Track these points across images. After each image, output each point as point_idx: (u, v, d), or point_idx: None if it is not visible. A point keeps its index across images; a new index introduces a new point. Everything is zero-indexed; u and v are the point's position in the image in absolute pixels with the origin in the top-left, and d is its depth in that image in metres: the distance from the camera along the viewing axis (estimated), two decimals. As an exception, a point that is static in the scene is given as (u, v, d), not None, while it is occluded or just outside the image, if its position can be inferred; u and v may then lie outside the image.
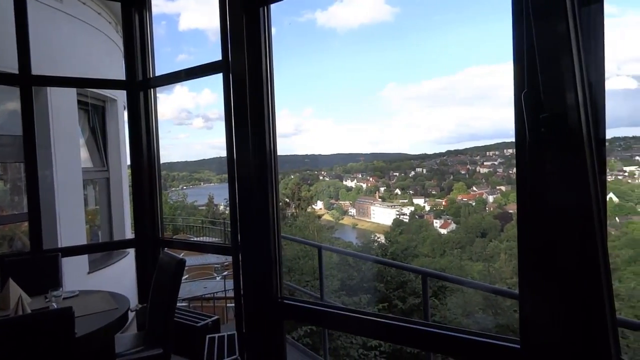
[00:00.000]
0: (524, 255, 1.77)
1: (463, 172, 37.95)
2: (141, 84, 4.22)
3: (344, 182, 38.94)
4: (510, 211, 29.20)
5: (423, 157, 39.29)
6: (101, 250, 6.16)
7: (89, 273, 5.86)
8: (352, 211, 36.48)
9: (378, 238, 15.49)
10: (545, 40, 1.54)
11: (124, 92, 4.38)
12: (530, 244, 1.75)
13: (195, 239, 14.44)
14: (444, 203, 37.69)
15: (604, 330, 1.55)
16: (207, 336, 3.42)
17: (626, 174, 41.44)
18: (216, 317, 3.91)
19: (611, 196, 39.36)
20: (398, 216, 34.25)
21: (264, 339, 2.70)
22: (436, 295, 10.79)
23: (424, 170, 39.78)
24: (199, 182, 33.64)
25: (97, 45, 6.46)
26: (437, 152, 39.16)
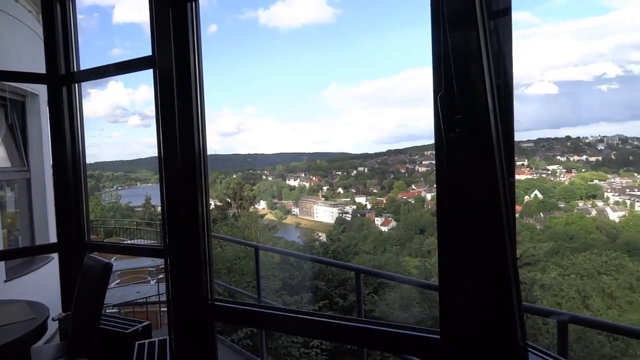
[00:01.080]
0: (442, 249, 1.85)
1: (403, 171, 39.28)
2: (64, 78, 3.96)
3: (287, 182, 38.97)
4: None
5: (365, 157, 40.23)
6: (18, 256, 5.71)
7: (6, 281, 5.42)
8: (296, 210, 36.58)
9: (320, 237, 15.66)
10: (458, 47, 1.63)
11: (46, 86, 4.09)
12: (448, 239, 1.83)
13: (129, 241, 13.82)
14: (384, 201, 38.80)
15: (511, 317, 1.66)
16: (137, 343, 3.29)
17: (549, 172, 44.82)
18: (147, 322, 3.76)
19: (536, 193, 42.39)
20: (341, 215, 34.80)
21: (194, 343, 2.64)
22: (376, 292, 11.08)
23: (366, 170, 40.75)
24: (135, 182, 32.22)
25: (15, 35, 6.00)
26: (378, 151, 40.26)
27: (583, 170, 43.62)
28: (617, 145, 44.76)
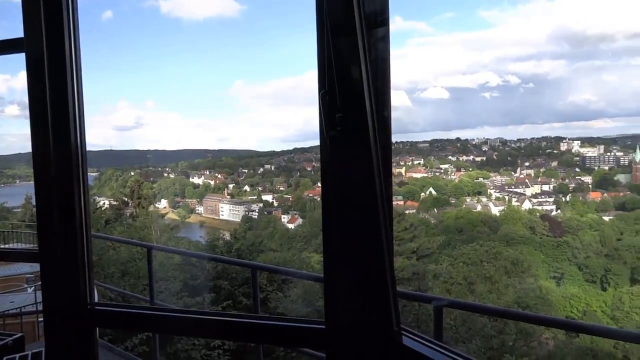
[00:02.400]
0: (327, 243, 1.92)
1: (309, 169, 39.93)
2: None
3: (191, 179, 37.50)
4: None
5: (271, 155, 40.18)
6: None
7: None
8: (200, 209, 35.37)
9: (224, 235, 15.34)
10: (339, 52, 1.72)
11: None
12: (332, 233, 1.90)
13: (2, 246, 12.29)
14: (291, 199, 39.14)
15: (387, 304, 1.78)
16: (5, 358, 2.95)
17: (442, 170, 48.63)
18: (20, 334, 3.38)
19: (431, 190, 45.71)
20: (247, 213, 34.38)
21: (72, 353, 2.44)
22: (281, 288, 11.14)
23: (272, 167, 40.72)
24: (14, 180, 28.65)
25: None
26: (285, 149, 40.48)
27: (470, 169, 48.01)
28: (498, 147, 50.00)
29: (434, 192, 44.27)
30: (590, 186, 42.47)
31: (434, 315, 2.61)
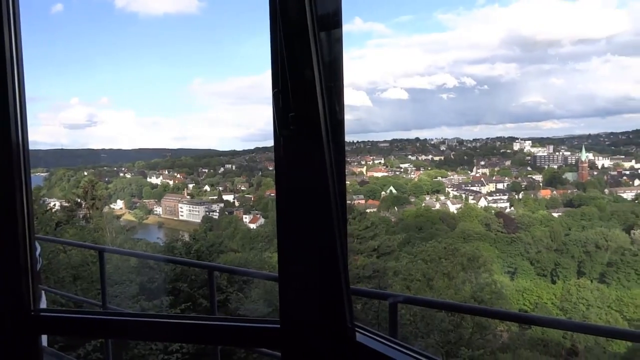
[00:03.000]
0: (281, 243, 1.92)
1: (271, 168, 39.61)
2: None
3: (149, 179, 36.41)
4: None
5: (232, 154, 39.62)
6: None
7: None
8: (158, 210, 34.43)
9: (183, 236, 15.01)
10: (292, 53, 1.72)
11: None
12: (286, 233, 1.90)
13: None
14: (253, 199, 38.72)
15: (341, 301, 1.80)
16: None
17: (402, 170, 49.56)
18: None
19: (391, 189, 46.50)
20: (207, 213, 33.78)
21: (15, 362, 2.32)
22: (241, 289, 11.01)
23: (234, 167, 40.17)
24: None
25: None
26: (247, 148, 40.05)
27: (429, 168, 49.23)
28: (455, 146, 51.54)
29: (394, 191, 45.08)
30: (540, 184, 44.53)
31: (389, 311, 2.66)
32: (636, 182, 43.37)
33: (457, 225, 39.91)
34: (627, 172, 44.15)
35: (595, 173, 44.98)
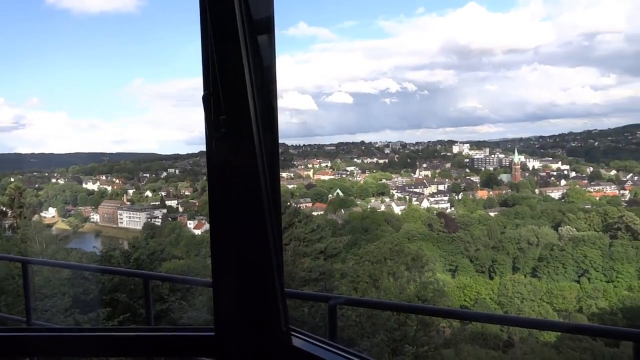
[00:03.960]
0: (215, 248, 1.87)
1: (216, 172, 38.68)
2: None
3: (85, 185, 34.39)
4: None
5: (175, 158, 38.31)
6: None
7: None
8: (95, 217, 32.61)
9: (122, 245, 14.29)
10: (222, 56, 1.70)
11: None
12: (219, 238, 1.86)
13: None
14: (197, 203, 37.65)
15: (275, 305, 1.78)
16: None
17: (348, 172, 50.33)
18: None
19: (338, 191, 47.05)
20: (149, 220, 32.45)
21: None
22: (184, 297, 10.66)
23: (177, 171, 38.87)
24: None
25: None
26: (191, 152, 38.92)
27: (374, 171, 50.41)
28: (399, 149, 53.15)
29: (340, 194, 45.68)
30: (478, 185, 46.89)
31: (328, 313, 2.66)
32: (562, 182, 46.77)
33: (402, 226, 41.09)
34: (555, 173, 47.52)
35: (526, 174, 48.01)
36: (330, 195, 45.52)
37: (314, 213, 36.50)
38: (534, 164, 48.14)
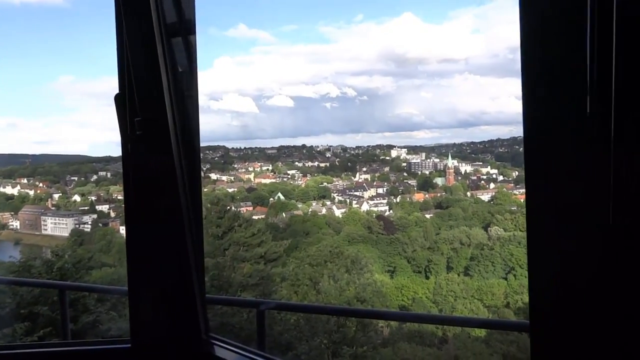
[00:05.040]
0: (130, 252, 1.79)
1: (152, 175, 37.15)
2: None
3: (2, 189, 31.65)
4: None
5: (107, 160, 36.18)
6: None
7: None
8: (15, 224, 30.14)
9: (44, 253, 13.30)
10: (137, 57, 1.64)
11: None
12: (135, 245, 1.78)
13: None
14: (131, 208, 35.97)
15: (195, 313, 1.73)
16: None
17: (289, 176, 50.30)
18: None
19: (279, 195, 46.87)
20: (77, 226, 30.47)
21: None
22: (114, 308, 10.15)
23: (109, 174, 36.76)
24: None
25: None
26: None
27: (315, 174, 50.74)
28: (340, 153, 53.89)
29: (282, 197, 45.48)
30: (415, 188, 48.64)
31: (257, 319, 2.63)
32: (491, 185, 49.75)
33: (342, 229, 41.65)
34: (484, 177, 50.43)
35: (459, 178, 50.50)
36: (271, 199, 45.23)
37: (255, 217, 36.08)
38: (466, 168, 50.70)
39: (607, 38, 1.01)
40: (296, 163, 52.25)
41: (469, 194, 49.36)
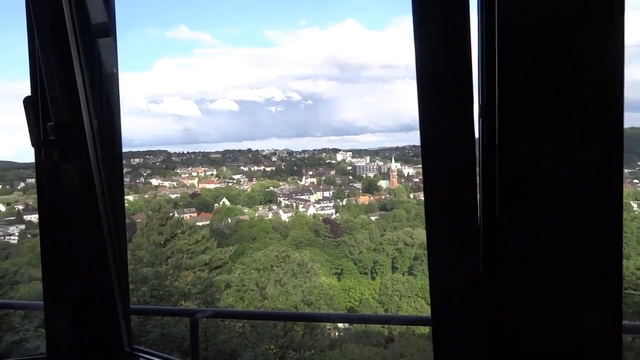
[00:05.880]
0: (46, 261, 1.70)
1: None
2: None
3: None
4: (138, 220, 29.09)
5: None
6: None
7: None
8: None
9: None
10: (48, 59, 1.58)
11: None
12: (51, 249, 1.70)
13: None
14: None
15: (117, 325, 1.67)
16: None
17: (235, 181, 49.55)
18: None
19: (224, 200, 46.02)
20: (2, 237, 28.24)
21: None
22: (43, 325, 9.48)
23: (38, 182, 34.65)
24: None
25: None
26: (56, 160, 34.83)
27: (261, 178, 50.34)
28: (286, 157, 53.84)
29: (227, 203, 44.67)
30: (360, 191, 49.58)
31: (190, 328, 2.56)
32: (432, 187, 51.63)
33: (289, 233, 41.61)
34: (426, 179, 52.22)
35: (403, 180, 52.09)
36: (216, 205, 44.34)
37: (199, 223, 35.20)
38: (408, 170, 52.30)
39: (490, 55, 1.14)
40: (241, 167, 51.54)
41: (412, 195, 51.07)
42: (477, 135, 1.16)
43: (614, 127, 1.15)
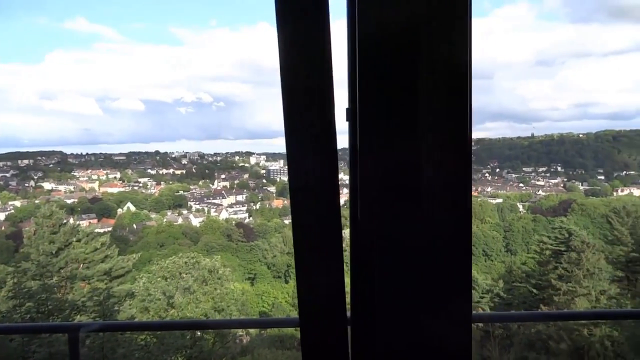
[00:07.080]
0: None
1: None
2: None
3: None
4: (26, 228, 26.13)
5: None
6: None
7: None
8: None
9: None
10: None
11: None
12: None
13: None
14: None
15: None
16: None
17: (141, 184, 46.74)
18: None
19: (129, 205, 43.22)
20: None
21: None
22: None
23: None
24: None
25: None
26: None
27: (170, 182, 48.02)
28: (197, 160, 52.03)
29: (132, 208, 41.94)
30: (274, 195, 49.47)
31: (69, 345, 2.27)
32: (344, 190, 53.24)
33: (201, 238, 40.22)
34: (341, 182, 53.70)
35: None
36: (120, 210, 41.43)
37: (100, 230, 32.63)
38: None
39: (353, 62, 1.27)
40: (148, 170, 48.71)
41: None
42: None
43: (462, 134, 1.27)
